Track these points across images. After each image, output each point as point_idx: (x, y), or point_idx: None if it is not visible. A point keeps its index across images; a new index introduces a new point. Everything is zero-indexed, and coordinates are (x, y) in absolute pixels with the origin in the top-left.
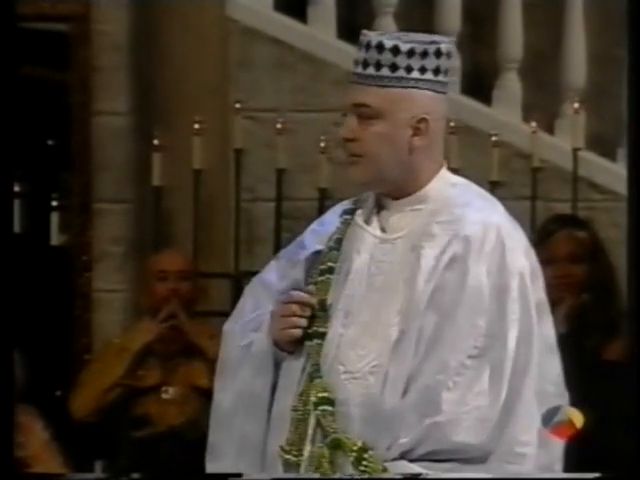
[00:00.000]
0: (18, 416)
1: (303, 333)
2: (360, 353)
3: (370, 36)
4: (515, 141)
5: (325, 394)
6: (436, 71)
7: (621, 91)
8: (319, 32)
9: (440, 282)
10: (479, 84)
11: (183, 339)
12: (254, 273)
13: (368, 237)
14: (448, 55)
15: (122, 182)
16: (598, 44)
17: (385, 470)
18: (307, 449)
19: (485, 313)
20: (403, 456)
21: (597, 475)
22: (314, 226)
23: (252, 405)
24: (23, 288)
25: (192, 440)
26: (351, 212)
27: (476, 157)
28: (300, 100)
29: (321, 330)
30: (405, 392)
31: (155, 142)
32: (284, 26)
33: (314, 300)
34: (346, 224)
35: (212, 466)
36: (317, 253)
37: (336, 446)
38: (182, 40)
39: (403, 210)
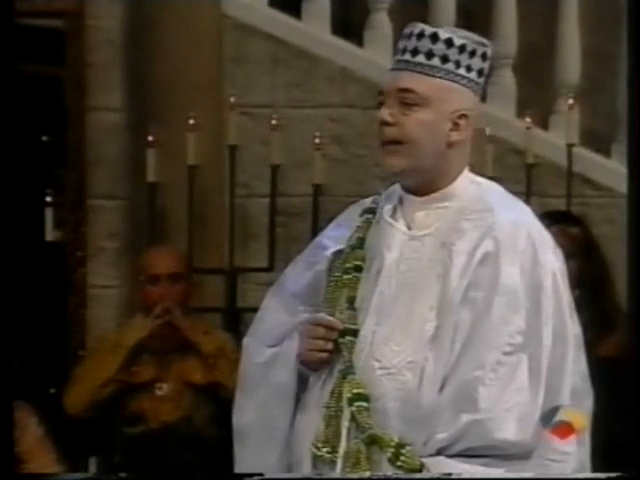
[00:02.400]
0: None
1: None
2: (395, 349)
3: (422, 26)
4: (509, 137)
5: (360, 390)
6: (479, 73)
7: (615, 87)
8: (314, 28)
9: (474, 278)
10: None
11: (177, 335)
12: (248, 269)
13: (397, 234)
14: (488, 60)
15: (117, 178)
16: (593, 40)
17: (422, 466)
18: (342, 446)
19: (519, 311)
20: (440, 452)
21: (620, 475)
22: (329, 231)
23: (271, 428)
24: (17, 284)
25: (186, 436)
26: (372, 211)
27: (470, 153)
28: (295, 96)
29: (352, 327)
30: (442, 388)
31: (150, 138)
32: (279, 22)
33: (340, 325)
34: (367, 223)
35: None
36: (338, 253)
37: (373, 442)
38: (177, 36)
39: (429, 207)
